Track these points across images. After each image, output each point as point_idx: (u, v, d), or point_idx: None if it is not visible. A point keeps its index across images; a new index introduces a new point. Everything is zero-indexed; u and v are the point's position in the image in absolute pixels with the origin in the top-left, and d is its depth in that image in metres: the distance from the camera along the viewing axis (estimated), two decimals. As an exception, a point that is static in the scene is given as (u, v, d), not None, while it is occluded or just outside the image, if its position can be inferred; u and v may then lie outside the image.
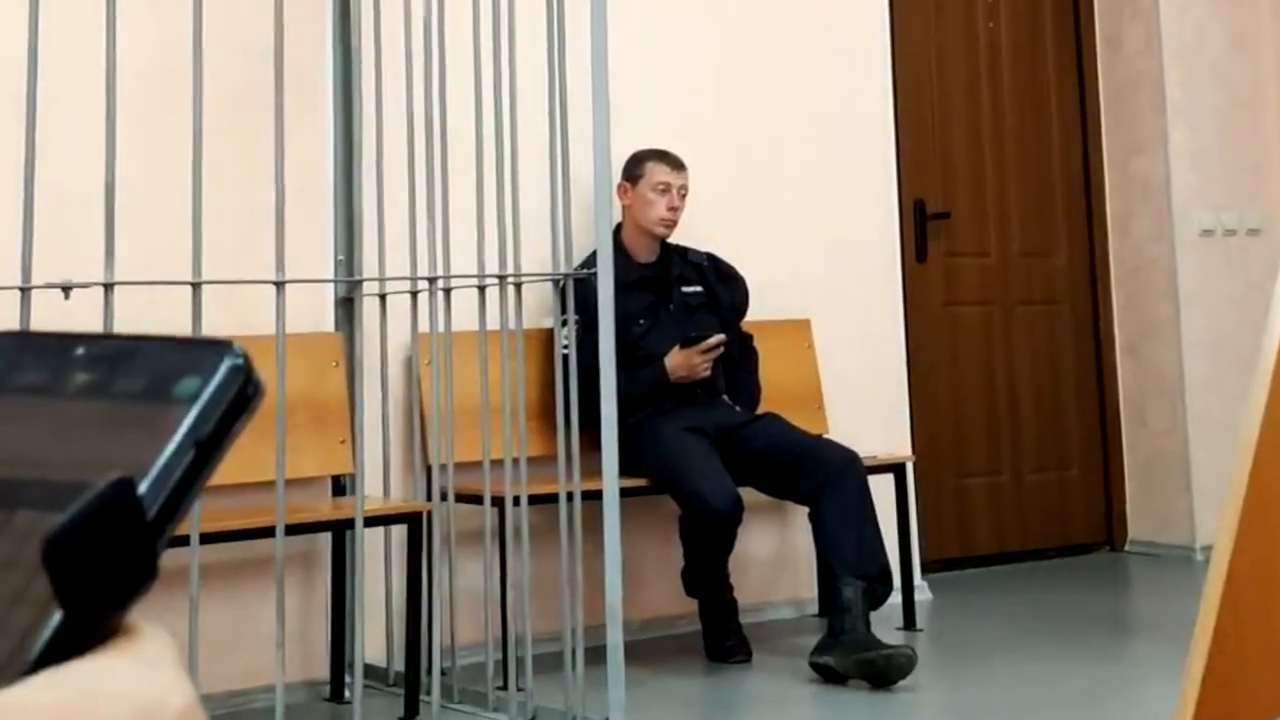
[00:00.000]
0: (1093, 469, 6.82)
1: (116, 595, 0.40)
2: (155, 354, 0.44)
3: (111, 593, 0.40)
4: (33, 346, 0.46)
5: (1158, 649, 4.74)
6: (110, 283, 3.36)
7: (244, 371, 0.44)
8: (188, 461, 0.42)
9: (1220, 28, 6.81)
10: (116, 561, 0.40)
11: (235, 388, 0.43)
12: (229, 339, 0.45)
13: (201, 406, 0.43)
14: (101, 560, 0.39)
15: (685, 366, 4.87)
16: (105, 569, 0.39)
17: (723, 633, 4.84)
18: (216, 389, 0.43)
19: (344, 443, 4.53)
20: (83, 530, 0.39)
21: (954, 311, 6.52)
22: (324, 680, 4.53)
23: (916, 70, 6.47)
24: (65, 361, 0.45)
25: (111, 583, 0.40)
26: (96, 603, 0.40)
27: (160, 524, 0.41)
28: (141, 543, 0.40)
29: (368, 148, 4.45)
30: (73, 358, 0.45)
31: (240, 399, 0.43)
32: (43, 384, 0.44)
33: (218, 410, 0.43)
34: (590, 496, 4.03)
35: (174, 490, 0.41)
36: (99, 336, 0.45)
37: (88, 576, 0.39)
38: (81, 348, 0.45)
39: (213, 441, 0.42)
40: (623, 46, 4.97)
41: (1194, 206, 6.67)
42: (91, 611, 0.39)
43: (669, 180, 5.04)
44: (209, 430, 0.42)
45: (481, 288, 4.13)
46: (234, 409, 0.43)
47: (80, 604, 0.39)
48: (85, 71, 3.70)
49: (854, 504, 4.67)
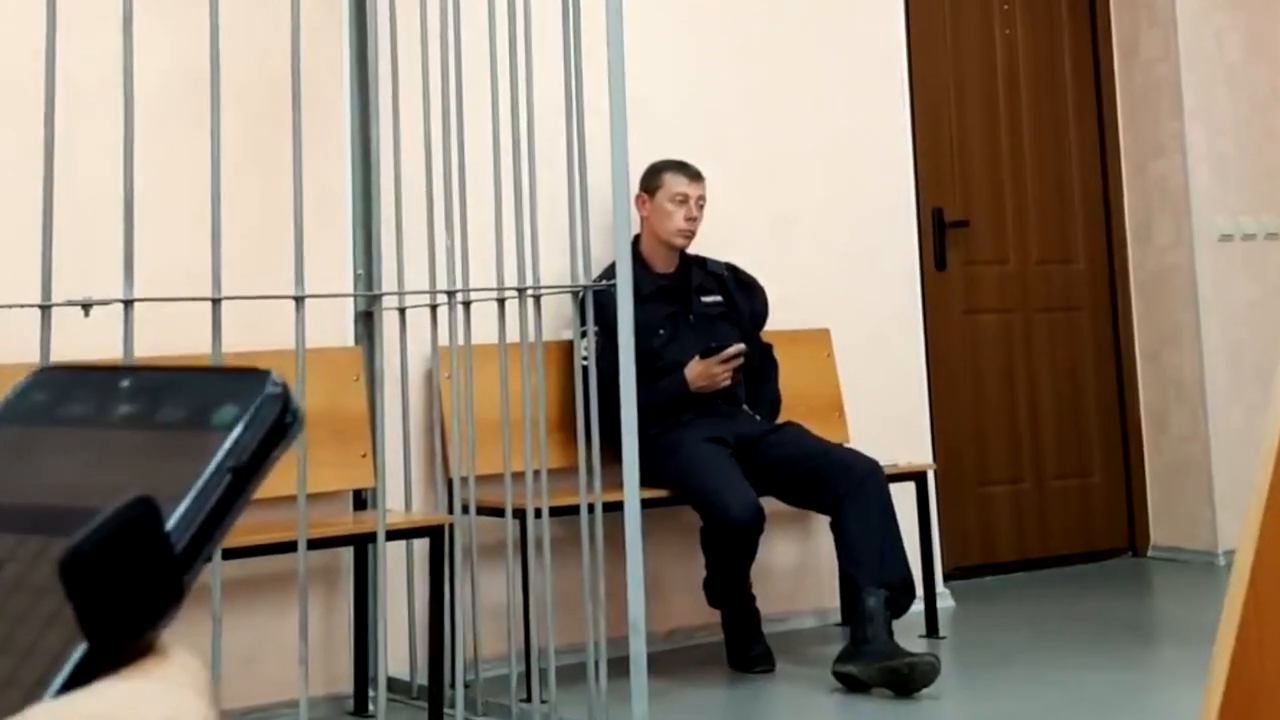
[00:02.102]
0: (1114, 475, 6.80)
1: (140, 617, 0.40)
2: (196, 384, 0.45)
3: (134, 614, 0.40)
4: (81, 380, 0.47)
5: (1180, 655, 4.72)
6: (130, 299, 3.36)
7: (281, 400, 0.44)
8: (223, 488, 0.42)
9: (1238, 34, 6.80)
10: (138, 583, 0.40)
11: (273, 416, 0.44)
12: (267, 368, 0.45)
13: (237, 434, 0.43)
14: (121, 581, 0.39)
15: (705, 377, 4.87)
16: (126, 590, 0.40)
17: (746, 643, 4.84)
18: (253, 417, 0.43)
19: (365, 456, 4.54)
20: (100, 549, 0.39)
21: (974, 319, 6.51)
22: (347, 694, 4.54)
23: (934, 79, 6.46)
24: (110, 393, 0.45)
25: (134, 604, 0.40)
26: (119, 624, 0.40)
27: (195, 549, 0.41)
28: (165, 565, 0.40)
29: (386, 161, 4.46)
30: (117, 389, 0.46)
31: (278, 428, 0.44)
32: (87, 415, 0.45)
33: (254, 438, 0.43)
34: (611, 508, 4.02)
35: (208, 516, 0.42)
36: (145, 369, 0.46)
37: (108, 597, 0.39)
38: (126, 380, 0.46)
39: (249, 468, 0.43)
40: (640, 58, 4.97)
41: (1213, 212, 6.66)
42: (114, 633, 0.39)
43: (687, 191, 5.04)
44: (245, 458, 0.43)
45: (501, 300, 4.14)
46: (271, 437, 0.44)
47: (102, 625, 0.39)
48: (104, 90, 3.71)
49: (876, 513, 4.67)
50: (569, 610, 4.36)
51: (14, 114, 4.04)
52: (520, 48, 4.11)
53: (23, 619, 0.40)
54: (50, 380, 0.47)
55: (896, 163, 5.98)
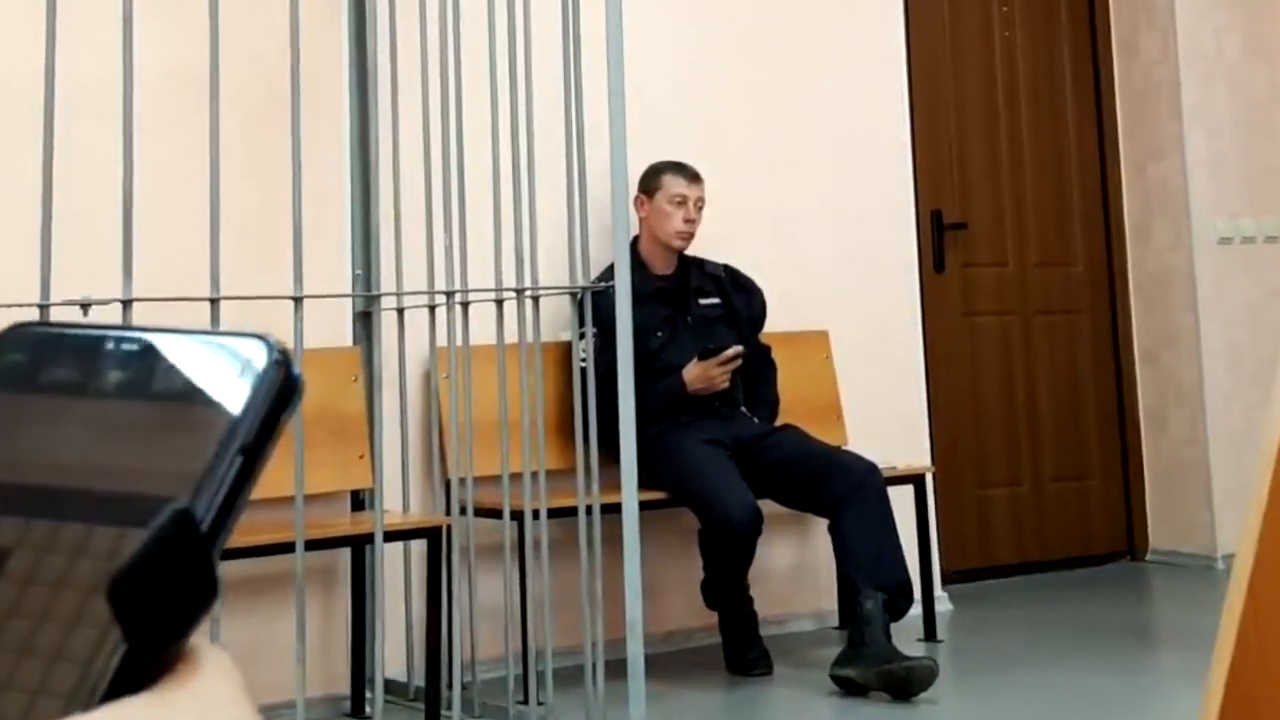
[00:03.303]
0: (1113, 479, 6.79)
1: (181, 621, 0.39)
2: (191, 350, 0.43)
3: (176, 620, 0.39)
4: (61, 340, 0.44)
5: (1179, 659, 4.72)
6: (129, 299, 3.36)
7: (283, 366, 0.43)
8: (235, 469, 0.41)
9: (1237, 35, 6.80)
10: (180, 590, 0.39)
11: (276, 385, 0.42)
12: (263, 332, 0.44)
13: (245, 410, 0.41)
14: (166, 592, 0.39)
15: (704, 378, 4.86)
16: (169, 599, 0.39)
17: (743, 645, 4.83)
18: (258, 389, 0.42)
19: (363, 457, 4.54)
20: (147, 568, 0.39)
21: (972, 322, 6.50)
22: (344, 695, 4.53)
23: (933, 80, 6.46)
24: (97, 357, 0.43)
25: (176, 610, 0.39)
26: (162, 632, 0.39)
27: (213, 537, 0.40)
28: (203, 569, 0.40)
29: (384, 162, 4.45)
30: (104, 353, 0.43)
31: (282, 395, 0.42)
32: (75, 381, 0.43)
33: (261, 412, 0.42)
34: (609, 510, 4.02)
35: (224, 501, 0.40)
36: (129, 328, 0.44)
37: (153, 609, 0.39)
38: (111, 343, 0.43)
39: (258, 445, 0.41)
40: (639, 58, 4.97)
41: (1212, 214, 6.65)
42: (157, 640, 0.39)
43: (685, 193, 5.04)
44: (254, 435, 0.41)
45: (499, 301, 4.13)
46: (276, 407, 0.42)
47: (146, 635, 0.39)
48: (103, 89, 3.71)
49: (874, 515, 4.67)
50: (567, 612, 4.36)
51: (14, 114, 4.04)
52: (519, 48, 4.11)
53: (44, 617, 0.39)
54: (25, 338, 0.44)
55: (895, 165, 5.97)
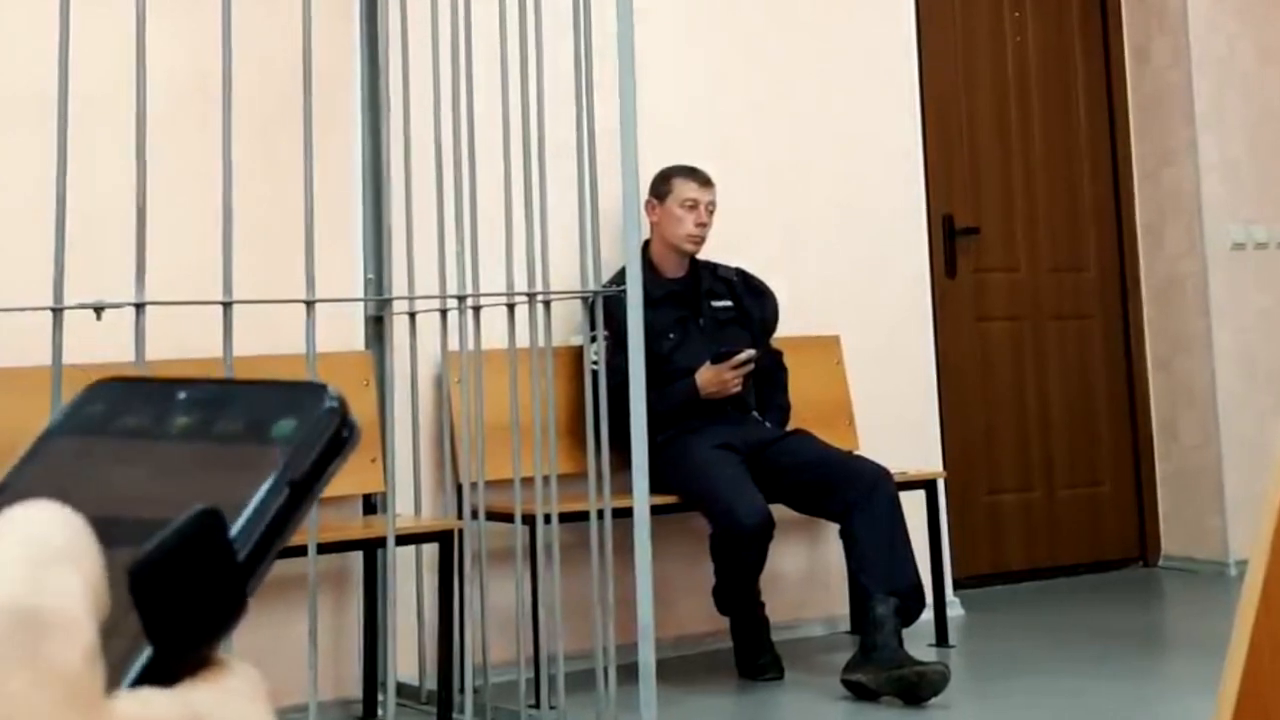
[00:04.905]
0: (1125, 484, 6.78)
1: (205, 628, 0.40)
2: (254, 396, 0.45)
3: (200, 625, 0.40)
4: (137, 391, 0.47)
5: (1191, 665, 4.71)
6: (141, 303, 3.37)
7: (339, 414, 0.45)
8: (281, 501, 0.42)
9: (1249, 40, 6.79)
10: (204, 593, 0.40)
11: (331, 430, 0.44)
12: (324, 382, 0.46)
13: (296, 447, 0.43)
14: (188, 591, 0.40)
15: (716, 382, 4.86)
16: (192, 600, 0.40)
17: (754, 650, 4.83)
18: (312, 430, 0.44)
19: (375, 461, 4.54)
20: (169, 560, 0.39)
21: (984, 327, 6.50)
22: (356, 699, 4.54)
23: (944, 85, 6.46)
24: (167, 405, 0.46)
25: (200, 615, 0.40)
26: (185, 635, 0.40)
27: (253, 562, 0.42)
28: (230, 575, 0.41)
29: (396, 167, 4.46)
30: (174, 401, 0.46)
31: (335, 441, 0.44)
32: (144, 427, 0.45)
33: (313, 451, 0.43)
34: (621, 514, 4.02)
35: (267, 530, 0.42)
36: (201, 381, 0.46)
37: (175, 607, 0.39)
38: (183, 392, 0.46)
39: (307, 482, 0.43)
40: (651, 63, 4.98)
41: (1225, 220, 6.65)
42: (180, 644, 0.40)
43: (696, 197, 5.04)
44: (303, 471, 0.43)
45: (511, 305, 4.14)
46: (329, 451, 0.44)
47: (168, 635, 0.39)
48: (116, 94, 3.72)
49: (885, 520, 4.66)
50: (578, 616, 4.36)
51: (28, 120, 4.05)
52: (531, 55, 4.11)
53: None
54: (106, 392, 0.47)
55: (907, 170, 5.97)
